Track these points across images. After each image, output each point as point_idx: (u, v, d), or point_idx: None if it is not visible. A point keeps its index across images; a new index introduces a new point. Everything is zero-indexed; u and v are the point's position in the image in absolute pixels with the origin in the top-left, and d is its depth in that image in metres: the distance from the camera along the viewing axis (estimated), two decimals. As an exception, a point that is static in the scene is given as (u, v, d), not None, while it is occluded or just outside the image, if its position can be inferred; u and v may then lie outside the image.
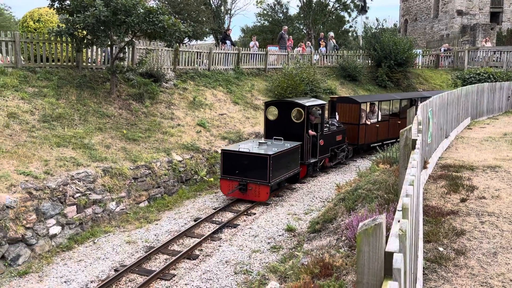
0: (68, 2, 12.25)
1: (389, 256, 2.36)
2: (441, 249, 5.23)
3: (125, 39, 13.09)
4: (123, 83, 14.20)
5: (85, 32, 12.34)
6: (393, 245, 2.43)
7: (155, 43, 15.57)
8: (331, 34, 26.32)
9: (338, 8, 42.20)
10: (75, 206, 9.32)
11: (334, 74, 22.17)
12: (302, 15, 40.22)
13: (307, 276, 5.10)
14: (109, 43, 12.83)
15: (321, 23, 39.50)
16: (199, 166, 12.99)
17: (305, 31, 40.40)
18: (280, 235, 9.31)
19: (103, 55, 14.51)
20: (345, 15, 44.87)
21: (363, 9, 41.76)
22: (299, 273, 5.37)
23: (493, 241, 5.49)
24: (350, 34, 48.28)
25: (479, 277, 4.61)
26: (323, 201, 11.44)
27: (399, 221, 2.82)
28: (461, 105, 13.35)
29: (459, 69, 25.71)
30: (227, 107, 16.55)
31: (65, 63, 13.33)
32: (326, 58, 23.65)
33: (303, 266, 5.52)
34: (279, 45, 22.99)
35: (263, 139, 13.04)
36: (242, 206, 11.02)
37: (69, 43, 13.14)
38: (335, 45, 25.11)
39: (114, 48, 13.24)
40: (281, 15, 43.76)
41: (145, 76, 14.81)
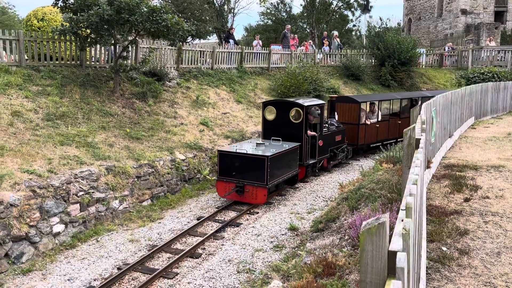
0: (72, 1, 12.28)
1: (392, 255, 2.36)
2: (444, 248, 5.22)
3: (129, 38, 13.11)
4: (127, 82, 14.22)
5: (88, 31, 12.36)
6: (396, 244, 2.43)
7: (158, 42, 15.59)
8: (335, 33, 26.27)
9: (341, 7, 42.12)
10: (78, 205, 9.34)
11: (337, 73, 22.13)
12: (306, 14, 40.14)
13: (310, 275, 5.10)
14: (113, 42, 12.85)
15: (324, 22, 39.43)
16: (202, 165, 13.01)
17: (308, 30, 40.33)
18: (283, 234, 9.31)
19: (107, 54, 14.54)
20: (349, 14, 44.81)
21: (366, 8, 41.64)
22: (302, 272, 5.36)
23: (496, 241, 5.47)
24: (353, 33, 48.20)
25: (483, 277, 4.60)
26: (326, 200, 11.43)
27: (402, 220, 2.81)
28: (465, 104, 13.31)
29: (463, 68, 25.62)
30: (230, 106, 16.55)
31: (68, 62, 13.35)
32: (330, 57, 23.61)
33: (306, 265, 5.52)
34: (282, 44, 22.97)
35: (260, 139, 12.82)
36: (245, 205, 11.02)
37: (73, 42, 13.17)
38: (339, 44, 25.06)
39: (117, 47, 13.26)
40: (284, 14, 43.70)
41: (148, 75, 14.83)
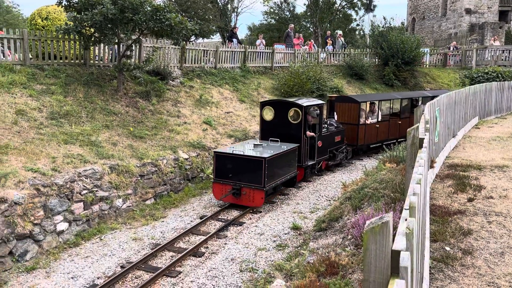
0: (76, 0, 12.32)
1: (396, 254, 2.35)
2: (448, 248, 5.21)
3: (132, 37, 13.14)
4: (130, 80, 14.26)
5: (92, 30, 12.40)
6: (400, 243, 2.42)
7: (162, 41, 15.61)
8: (339, 32, 26.21)
9: (345, 6, 42.06)
10: (82, 203, 9.38)
11: (340, 73, 22.10)
12: (309, 14, 40.11)
13: (313, 275, 5.10)
14: (116, 40, 12.89)
15: (328, 21, 39.38)
16: (205, 164, 13.02)
17: (312, 30, 40.29)
18: (285, 234, 9.31)
19: (110, 53, 14.57)
20: (352, 13, 44.74)
21: (368, 7, 41.57)
22: (305, 271, 5.36)
23: (500, 241, 5.46)
24: (357, 33, 48.10)
25: (486, 277, 4.59)
26: (329, 200, 11.42)
27: (406, 220, 2.81)
28: (469, 104, 13.26)
29: (467, 68, 25.53)
30: (233, 105, 16.56)
31: (72, 61, 13.40)
32: (333, 57, 23.58)
33: (309, 265, 5.52)
34: (286, 44, 22.96)
35: (258, 140, 12.61)
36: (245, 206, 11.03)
37: (77, 41, 13.21)
38: (343, 43, 25.02)
39: (121, 46, 13.29)
40: (287, 13, 43.66)
41: (151, 74, 14.85)
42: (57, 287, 7.27)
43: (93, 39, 12.70)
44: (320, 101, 13.76)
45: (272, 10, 44.12)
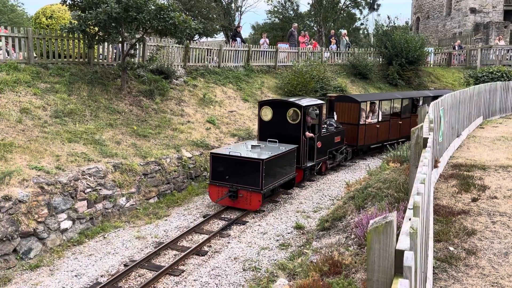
0: (80, -2, 12.35)
1: (399, 254, 2.35)
2: (451, 248, 5.19)
3: (136, 36, 13.15)
4: (134, 79, 14.28)
5: (96, 28, 12.42)
6: (404, 243, 2.42)
7: (165, 40, 15.62)
8: (344, 32, 26.15)
9: (349, 5, 41.95)
10: (85, 201, 9.41)
11: (344, 72, 22.06)
12: (313, 13, 40.02)
13: (316, 274, 5.10)
14: (120, 39, 12.91)
15: (332, 20, 39.29)
16: (209, 163, 13.01)
17: (315, 29, 40.21)
18: (289, 233, 9.31)
19: (114, 52, 14.60)
20: (356, 12, 44.62)
21: (372, 7, 41.46)
22: (308, 270, 5.36)
23: (504, 241, 5.44)
24: (361, 32, 47.99)
25: (490, 277, 4.57)
26: (332, 199, 11.41)
27: (410, 219, 2.80)
28: (473, 104, 13.21)
29: (471, 67, 25.42)
30: (236, 104, 16.56)
31: (76, 60, 13.43)
32: (337, 56, 23.54)
33: (312, 264, 5.52)
34: (289, 43, 22.93)
35: (256, 141, 12.27)
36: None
37: (81, 40, 13.24)
38: (347, 42, 24.97)
39: (125, 44, 13.31)
40: (291, 12, 43.61)
41: (155, 72, 14.87)
42: (60, 285, 7.30)
43: (97, 38, 12.73)
44: (320, 101, 13.49)
45: (276, 9, 44.08)
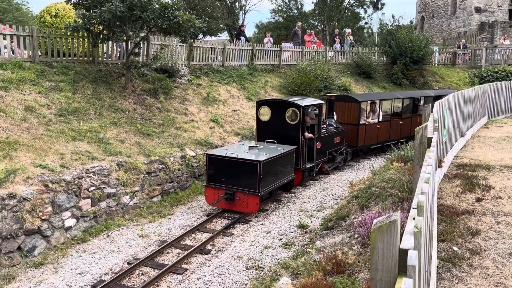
0: (84, -3, 12.39)
1: (403, 253, 2.34)
2: (455, 248, 5.18)
3: (141, 35, 13.18)
4: (138, 78, 14.31)
5: (101, 27, 12.45)
6: (408, 242, 2.41)
7: (170, 38, 15.64)
8: (348, 31, 26.09)
9: (353, 4, 41.84)
10: (89, 199, 9.44)
11: (348, 71, 22.02)
12: (317, 12, 39.95)
13: (319, 273, 5.10)
14: (125, 38, 12.94)
15: (336, 19, 39.21)
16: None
17: (320, 28, 40.14)
18: (292, 232, 9.31)
19: (119, 51, 14.64)
20: (361, 11, 44.50)
21: (375, 6, 41.36)
22: (311, 269, 5.36)
23: (509, 241, 5.41)
24: (365, 31, 47.86)
25: (494, 278, 4.55)
26: (336, 199, 11.39)
27: (414, 219, 2.79)
28: (478, 103, 13.15)
29: (476, 67, 25.31)
30: (240, 103, 16.56)
31: (81, 58, 13.48)
32: (341, 55, 23.49)
33: (315, 263, 5.52)
34: (293, 42, 22.91)
35: (253, 142, 11.95)
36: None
37: (86, 38, 13.28)
38: (352, 41, 24.91)
39: (129, 43, 13.34)
40: (295, 11, 43.56)
41: (159, 71, 14.89)
42: (64, 282, 7.33)
43: (101, 36, 12.76)
44: (319, 101, 13.23)
45: (280, 8, 44.04)
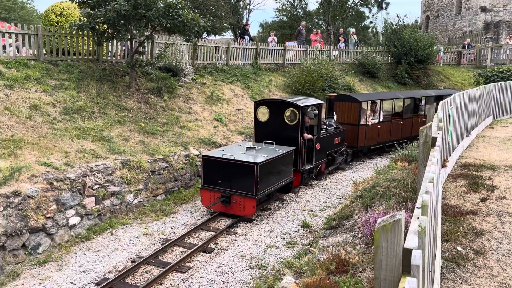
0: (89, -4, 12.42)
1: (407, 252, 2.34)
2: (459, 248, 5.16)
3: (145, 33, 13.20)
4: (142, 77, 14.34)
5: (105, 26, 12.49)
6: (412, 241, 2.41)
7: (174, 37, 15.65)
8: (353, 30, 26.03)
9: (358, 3, 41.72)
10: (94, 198, 9.47)
11: (353, 71, 21.97)
12: (322, 11, 39.86)
13: (322, 272, 5.10)
14: (129, 37, 12.96)
15: (340, 19, 39.12)
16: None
17: (324, 27, 40.06)
18: (295, 231, 9.31)
19: (123, 49, 14.67)
20: (365, 11, 44.37)
21: (380, 6, 41.24)
22: (314, 269, 5.36)
23: (513, 242, 5.38)
24: (369, 30, 47.71)
25: (498, 278, 4.53)
26: (340, 198, 11.38)
27: (418, 218, 2.78)
28: (483, 103, 13.09)
29: (481, 66, 25.18)
30: (244, 102, 16.56)
31: (86, 57, 13.52)
32: (345, 54, 23.44)
33: (318, 262, 5.51)
34: (298, 41, 22.88)
35: (251, 143, 11.67)
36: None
37: (90, 37, 13.32)
38: (356, 41, 24.86)
39: (133, 42, 13.37)
40: (300, 10, 43.47)
41: (163, 70, 14.92)
42: (68, 280, 7.36)
43: (106, 35, 12.80)
44: (319, 101, 12.97)
45: (284, 7, 43.94)
